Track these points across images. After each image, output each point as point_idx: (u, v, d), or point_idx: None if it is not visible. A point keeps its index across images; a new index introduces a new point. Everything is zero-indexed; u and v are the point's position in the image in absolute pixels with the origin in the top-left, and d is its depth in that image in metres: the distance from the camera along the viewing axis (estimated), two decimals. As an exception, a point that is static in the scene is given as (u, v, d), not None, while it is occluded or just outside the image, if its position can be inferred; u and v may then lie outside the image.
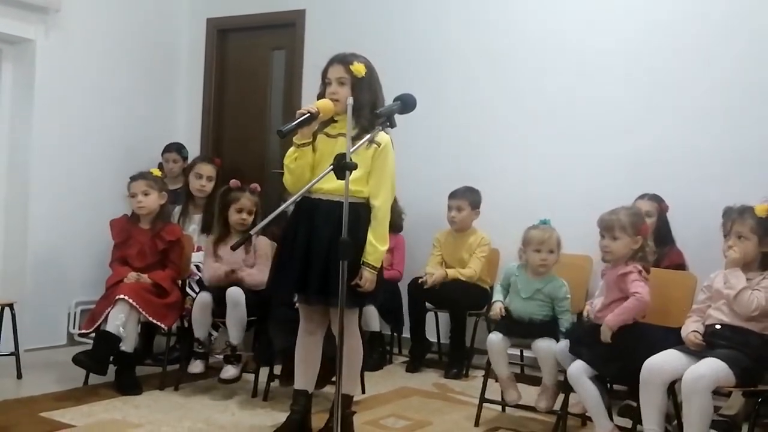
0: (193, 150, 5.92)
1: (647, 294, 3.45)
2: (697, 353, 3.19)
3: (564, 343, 3.62)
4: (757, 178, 4.20)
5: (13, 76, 5.13)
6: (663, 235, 4.27)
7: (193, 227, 5.02)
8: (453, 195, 5.00)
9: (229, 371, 4.15)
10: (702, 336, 3.25)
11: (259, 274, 4.17)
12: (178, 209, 5.10)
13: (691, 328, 3.29)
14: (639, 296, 3.43)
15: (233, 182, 4.45)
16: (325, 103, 3.31)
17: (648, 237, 3.58)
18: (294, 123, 3.22)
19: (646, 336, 3.46)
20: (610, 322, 3.43)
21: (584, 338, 3.52)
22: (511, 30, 5.16)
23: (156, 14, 6.00)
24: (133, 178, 4.47)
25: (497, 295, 3.95)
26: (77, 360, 4.08)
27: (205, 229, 4.84)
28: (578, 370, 3.43)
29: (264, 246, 4.37)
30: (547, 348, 3.68)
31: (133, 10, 5.75)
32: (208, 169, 5.09)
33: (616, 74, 4.83)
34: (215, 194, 4.82)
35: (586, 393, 3.42)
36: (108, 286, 4.36)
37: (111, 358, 4.15)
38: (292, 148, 3.36)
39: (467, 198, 4.97)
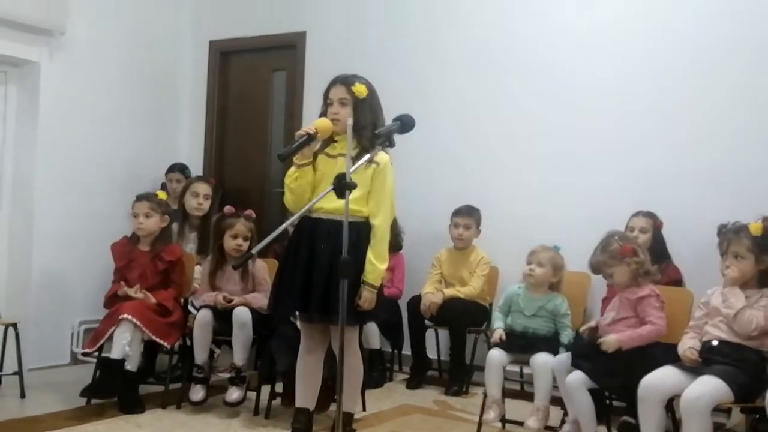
0: (196, 170, 5.97)
1: (665, 325, 3.51)
2: (694, 370, 3.21)
3: (564, 356, 3.63)
4: (750, 195, 4.24)
5: (18, 98, 5.17)
6: (659, 251, 4.29)
7: (190, 246, 5.03)
8: (459, 213, 5.01)
9: (234, 394, 4.14)
10: (699, 352, 3.28)
11: (263, 298, 4.14)
12: (175, 226, 5.13)
13: (687, 345, 3.32)
14: (659, 328, 3.50)
15: (227, 209, 4.45)
16: (323, 122, 3.35)
17: (638, 253, 3.60)
18: (293, 146, 3.27)
19: (645, 352, 3.48)
20: (624, 341, 3.45)
21: (585, 351, 3.54)
22: (510, 54, 5.19)
23: (159, 37, 6.06)
24: (138, 198, 4.51)
25: (498, 322, 3.99)
26: (85, 395, 4.14)
27: (202, 250, 4.86)
28: (577, 381, 3.44)
29: (262, 270, 4.36)
30: (543, 363, 3.70)
31: (136, 32, 5.81)
32: (204, 188, 5.12)
33: (615, 97, 4.84)
34: (211, 213, 4.87)
35: (582, 404, 3.44)
36: (106, 299, 4.40)
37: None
38: (292, 168, 3.40)
39: (474, 216, 5.00)
